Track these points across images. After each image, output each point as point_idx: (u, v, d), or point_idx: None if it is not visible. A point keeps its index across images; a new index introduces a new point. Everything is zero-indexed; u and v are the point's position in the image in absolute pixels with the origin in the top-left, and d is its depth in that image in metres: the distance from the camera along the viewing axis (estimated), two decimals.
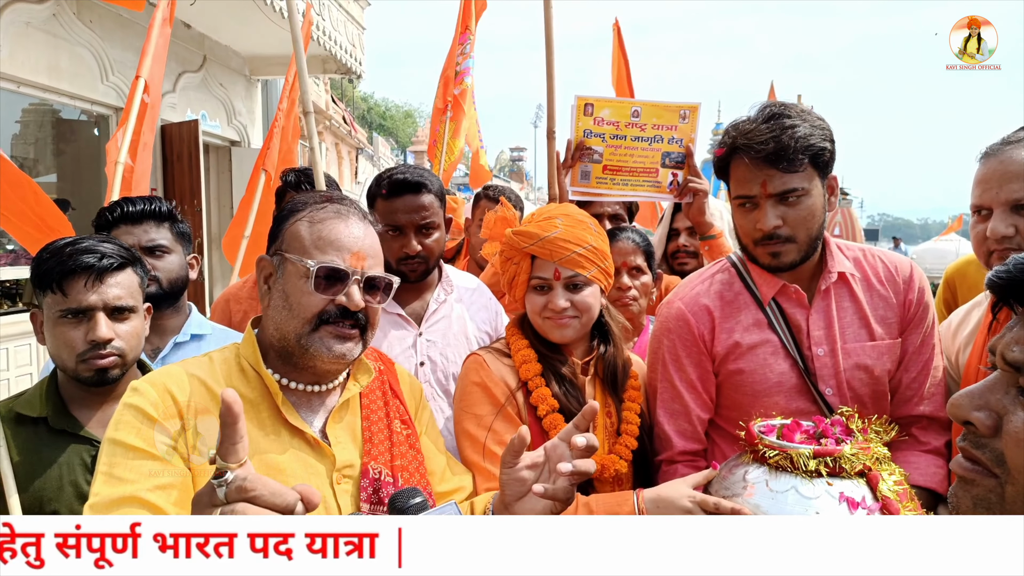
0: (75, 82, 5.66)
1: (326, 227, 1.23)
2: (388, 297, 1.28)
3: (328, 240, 1.22)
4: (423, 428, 1.45)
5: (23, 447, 1.55)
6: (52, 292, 1.55)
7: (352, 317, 1.21)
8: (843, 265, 1.63)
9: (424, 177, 2.04)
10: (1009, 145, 1.56)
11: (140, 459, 1.10)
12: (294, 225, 1.25)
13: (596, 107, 2.33)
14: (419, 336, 2.06)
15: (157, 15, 3.10)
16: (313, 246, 1.21)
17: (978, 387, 0.82)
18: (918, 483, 1.50)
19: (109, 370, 1.56)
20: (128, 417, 1.13)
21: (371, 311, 1.25)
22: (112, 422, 1.15)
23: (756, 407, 1.54)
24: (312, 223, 1.23)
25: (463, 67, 5.11)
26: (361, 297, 1.21)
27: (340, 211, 1.26)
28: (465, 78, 5.13)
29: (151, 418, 1.12)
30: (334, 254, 1.21)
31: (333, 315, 1.20)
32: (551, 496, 1.08)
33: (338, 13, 8.07)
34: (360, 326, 1.23)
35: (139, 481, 1.08)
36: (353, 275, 1.21)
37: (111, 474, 1.09)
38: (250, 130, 8.48)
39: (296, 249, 1.22)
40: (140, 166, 2.86)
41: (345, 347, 1.21)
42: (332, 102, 15.80)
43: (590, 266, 1.58)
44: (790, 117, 1.52)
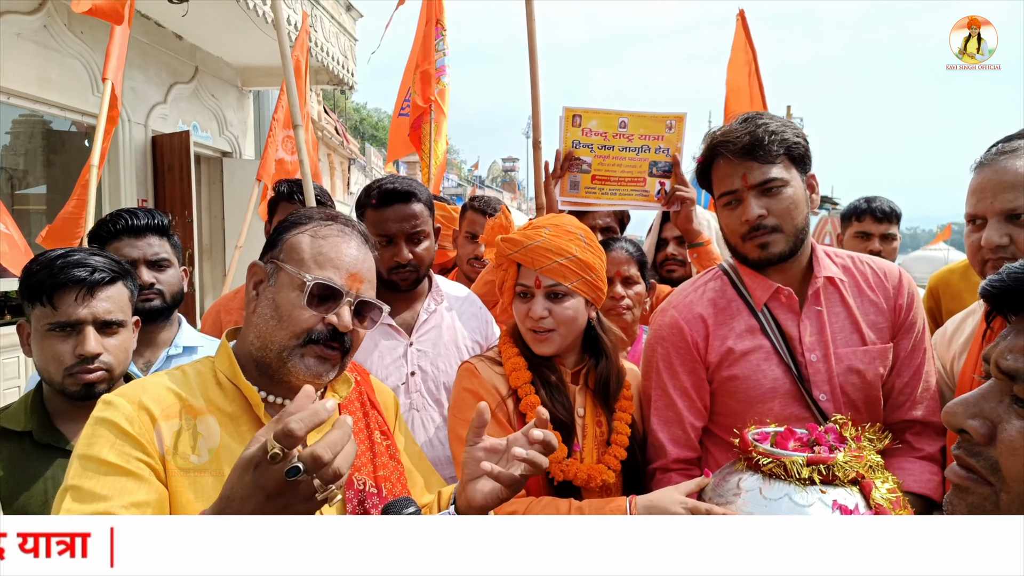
0: (65, 93, 5.65)
1: (328, 244, 1.22)
2: (374, 324, 1.27)
3: (328, 257, 1.20)
4: (401, 443, 1.44)
5: (7, 461, 1.53)
6: (41, 305, 1.53)
7: (338, 339, 1.20)
8: (831, 270, 1.64)
9: (413, 187, 2.04)
10: (1004, 155, 1.57)
11: (114, 475, 1.05)
12: (295, 236, 1.23)
13: (584, 118, 2.36)
14: (410, 346, 2.05)
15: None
16: (312, 260, 1.20)
17: (972, 395, 0.82)
18: (912, 489, 1.50)
19: (97, 384, 1.55)
20: (103, 431, 1.09)
21: (356, 336, 1.24)
22: (84, 437, 1.10)
23: (750, 414, 1.54)
24: (315, 237, 1.22)
25: (440, 65, 5.07)
26: (351, 319, 1.20)
27: (343, 231, 1.25)
28: (442, 77, 5.10)
29: (126, 433, 1.08)
30: (332, 272, 1.19)
31: (322, 336, 1.18)
32: (496, 476, 1.09)
33: (330, 25, 8.10)
34: (344, 349, 1.22)
35: (113, 498, 1.03)
36: (347, 295, 1.20)
37: (81, 489, 1.04)
38: (242, 141, 8.47)
39: (294, 261, 1.20)
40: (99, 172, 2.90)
41: (324, 368, 1.19)
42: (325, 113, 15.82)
43: (572, 277, 1.58)
44: (762, 117, 1.62)
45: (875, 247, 3.06)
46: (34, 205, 6.99)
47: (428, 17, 5.08)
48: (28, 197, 7.04)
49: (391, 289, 2.04)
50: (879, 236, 3.10)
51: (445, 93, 5.13)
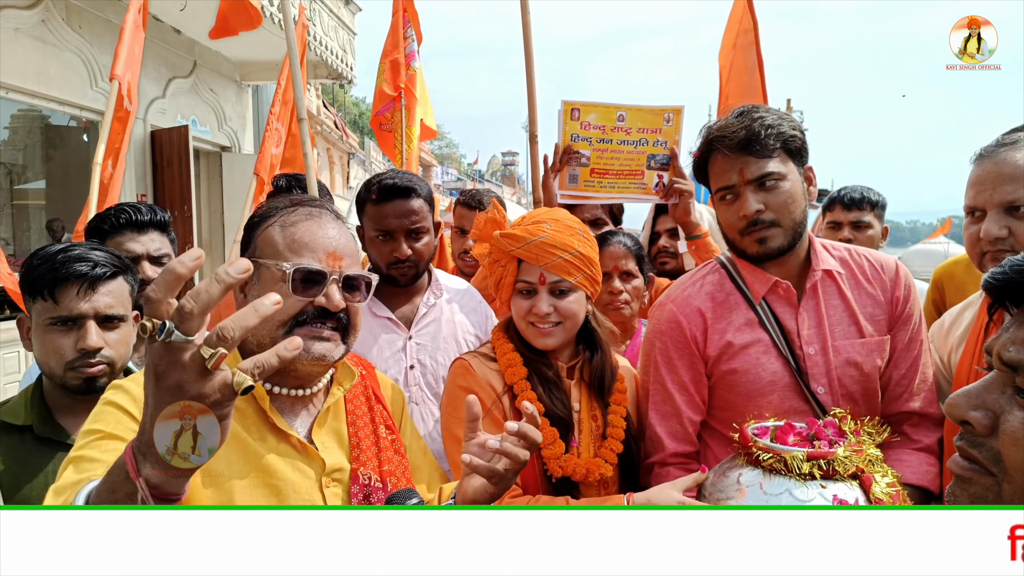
0: (64, 88, 5.64)
1: (299, 229, 1.21)
2: (368, 295, 1.26)
3: (302, 242, 1.19)
4: (407, 439, 1.44)
5: (8, 456, 1.53)
6: (43, 299, 1.54)
7: (332, 318, 1.19)
8: (828, 263, 1.64)
9: (413, 182, 2.04)
10: (1003, 147, 1.57)
11: (116, 441, 1.06)
12: (266, 231, 1.23)
13: (582, 111, 2.36)
14: (409, 340, 2.05)
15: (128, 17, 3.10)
16: (288, 249, 1.19)
17: (975, 387, 0.82)
18: (910, 482, 1.51)
19: (98, 378, 1.55)
20: (110, 410, 1.11)
21: (352, 311, 1.23)
22: (92, 415, 1.12)
23: (750, 407, 1.55)
24: (284, 227, 1.21)
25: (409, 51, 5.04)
26: (341, 297, 1.19)
27: (312, 213, 1.24)
28: (412, 63, 5.07)
29: (132, 416, 1.10)
30: (309, 256, 1.18)
31: (310, 315, 1.18)
32: (475, 468, 1.09)
33: (329, 19, 8.07)
34: (342, 327, 1.21)
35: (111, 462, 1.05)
36: (331, 275, 1.19)
37: (82, 458, 1.04)
38: (240, 135, 8.46)
39: (270, 254, 1.20)
40: (118, 172, 2.88)
41: (324, 347, 1.19)
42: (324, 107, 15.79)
43: (576, 272, 1.58)
44: (758, 110, 1.61)
45: (844, 236, 2.94)
46: (33, 200, 6.99)
47: (396, 7, 5.06)
48: (27, 192, 7.03)
49: (390, 283, 2.04)
50: (848, 224, 2.97)
51: (416, 78, 5.11)
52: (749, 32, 3.59)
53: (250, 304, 0.76)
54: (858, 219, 2.98)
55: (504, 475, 1.10)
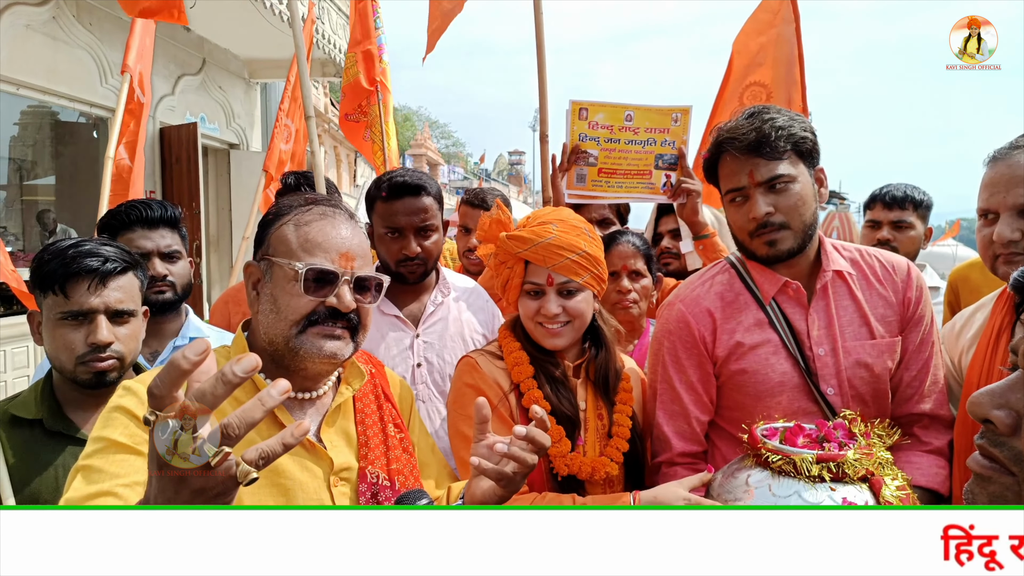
0: (74, 84, 5.66)
1: (313, 229, 1.21)
2: (379, 296, 1.26)
3: (316, 242, 1.20)
4: (415, 436, 1.44)
5: (19, 449, 1.54)
6: (54, 294, 1.55)
7: (343, 318, 1.20)
8: (839, 264, 1.63)
9: (423, 180, 2.05)
10: (1017, 149, 1.56)
11: (124, 454, 1.06)
12: (280, 229, 1.23)
13: (590, 111, 2.36)
14: (416, 338, 2.06)
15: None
16: (301, 248, 1.19)
17: (999, 386, 0.82)
18: (920, 484, 1.50)
19: (108, 373, 1.56)
20: (118, 416, 1.11)
21: (363, 311, 1.24)
22: (100, 419, 1.12)
23: (759, 407, 1.54)
24: (298, 226, 1.22)
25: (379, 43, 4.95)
26: (352, 297, 1.20)
27: (326, 213, 1.24)
28: (383, 56, 4.99)
29: (140, 420, 1.09)
30: (322, 256, 1.19)
31: (322, 315, 1.19)
32: (483, 471, 1.09)
33: (337, 17, 8.08)
34: (352, 327, 1.22)
35: (122, 476, 1.04)
36: (343, 276, 1.19)
37: (91, 468, 1.05)
38: (249, 133, 8.48)
39: (283, 253, 1.20)
40: (137, 165, 2.88)
41: (335, 346, 1.19)
42: (331, 105, 15.81)
43: (583, 272, 1.58)
44: (768, 111, 1.60)
45: (884, 235, 2.83)
46: (43, 196, 7.02)
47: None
48: (36, 188, 7.06)
49: (399, 281, 2.05)
50: (888, 223, 2.83)
51: (387, 72, 5.03)
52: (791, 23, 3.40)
53: (256, 397, 0.77)
54: (900, 219, 2.83)
55: (512, 478, 1.10)
